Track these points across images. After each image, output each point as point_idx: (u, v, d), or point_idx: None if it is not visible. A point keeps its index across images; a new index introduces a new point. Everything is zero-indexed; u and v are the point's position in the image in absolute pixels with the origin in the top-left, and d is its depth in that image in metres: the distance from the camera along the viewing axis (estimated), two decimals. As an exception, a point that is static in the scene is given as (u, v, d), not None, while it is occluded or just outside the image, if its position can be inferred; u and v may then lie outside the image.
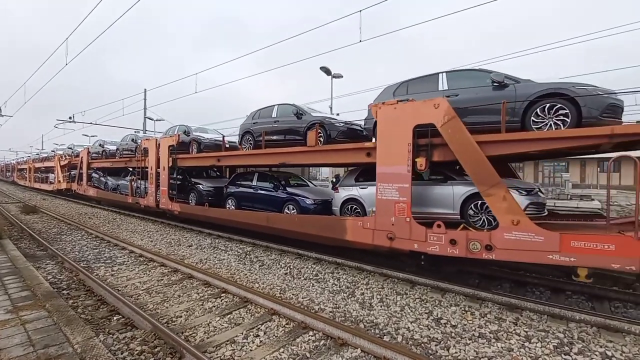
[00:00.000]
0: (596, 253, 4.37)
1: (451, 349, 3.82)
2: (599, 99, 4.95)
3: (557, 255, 4.59)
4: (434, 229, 5.53)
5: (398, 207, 5.91)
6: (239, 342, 3.94)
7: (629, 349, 3.83)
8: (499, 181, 5.04)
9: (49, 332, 3.59)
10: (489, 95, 5.69)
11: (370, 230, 6.30)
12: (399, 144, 5.90)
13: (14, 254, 6.99)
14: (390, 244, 6.01)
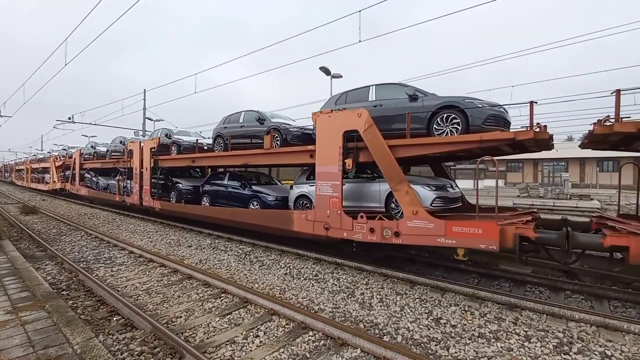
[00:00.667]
0: (469, 236, 5.33)
1: (451, 349, 3.83)
2: (482, 111, 5.95)
3: (443, 238, 5.54)
4: (358, 220, 6.50)
5: (332, 202, 6.91)
6: (238, 343, 3.94)
7: (628, 348, 3.83)
8: (404, 179, 6.08)
9: (48, 332, 3.59)
10: (404, 106, 6.67)
11: (311, 222, 7.26)
12: (332, 147, 6.85)
13: (13, 254, 6.98)
14: (326, 233, 6.98)
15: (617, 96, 4.86)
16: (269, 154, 8.79)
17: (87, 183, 19.59)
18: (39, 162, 30.51)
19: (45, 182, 26.46)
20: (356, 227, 6.50)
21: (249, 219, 9.09)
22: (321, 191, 7.04)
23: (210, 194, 10.99)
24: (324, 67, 17.00)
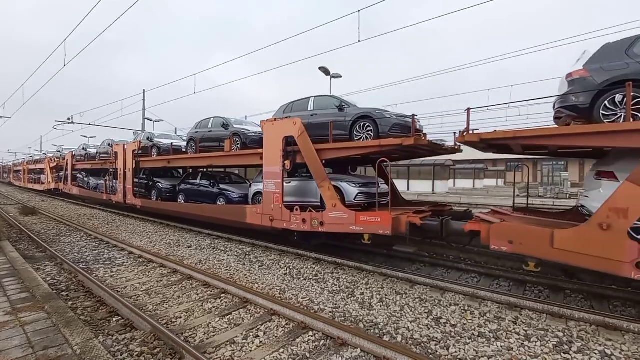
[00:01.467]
0: (371, 224, 6.50)
1: (451, 349, 3.83)
2: (389, 120, 7.13)
3: (354, 226, 6.67)
4: (294, 212, 7.62)
5: (275, 197, 7.99)
6: (238, 343, 3.94)
7: (628, 347, 3.84)
8: (326, 177, 7.24)
9: (48, 333, 3.59)
10: (334, 116, 7.87)
11: (260, 215, 8.38)
12: (275, 150, 7.97)
13: (13, 255, 6.97)
14: (271, 224, 8.07)
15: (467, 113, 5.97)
16: (229, 156, 10.13)
17: (79, 183, 20.65)
18: (35, 164, 31.83)
19: (41, 183, 27.83)
20: (293, 218, 7.65)
21: (214, 213, 10.21)
22: (267, 188, 8.19)
23: (185, 192, 12.14)
24: (323, 67, 17.00)
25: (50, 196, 25.47)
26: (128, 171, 14.26)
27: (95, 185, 18.48)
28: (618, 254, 4.19)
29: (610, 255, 4.26)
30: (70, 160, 21.41)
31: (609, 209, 4.29)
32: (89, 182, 19.35)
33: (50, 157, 26.54)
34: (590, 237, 4.41)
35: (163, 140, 13.95)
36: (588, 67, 4.91)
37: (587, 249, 4.42)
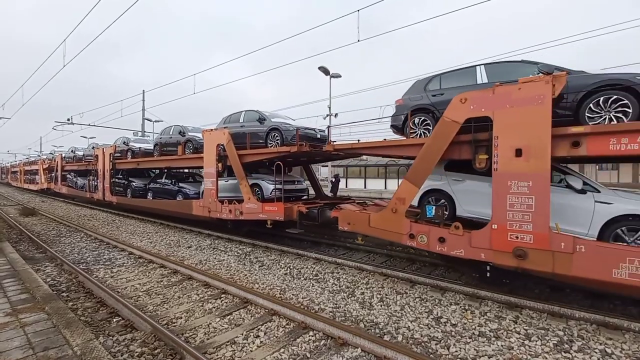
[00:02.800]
0: (271, 212, 8.38)
1: (451, 348, 3.83)
2: (290, 132, 8.85)
3: (261, 214, 8.58)
4: (224, 204, 9.48)
5: (211, 193, 9.92)
6: (239, 343, 3.93)
7: (628, 346, 3.84)
8: (244, 176, 9.14)
9: (48, 334, 3.58)
10: (256, 127, 9.67)
11: (202, 207, 10.24)
12: (211, 155, 9.89)
13: (12, 256, 6.96)
14: (209, 214, 9.94)
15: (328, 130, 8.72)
16: (181, 159, 12.03)
17: (68, 183, 22.59)
18: (30, 165, 33.79)
19: (35, 183, 29.72)
20: (223, 209, 9.56)
21: (171, 207, 12.06)
22: (206, 186, 10.20)
23: (153, 190, 13.96)
24: (322, 67, 17.01)
25: (50, 197, 25.57)
26: (106, 172, 16.09)
27: (82, 184, 20.14)
28: (400, 228, 5.99)
29: (397, 230, 6.06)
30: (60, 162, 23.15)
31: (396, 198, 6.06)
32: (77, 182, 21.21)
33: (43, 159, 28.49)
34: (388, 218, 6.20)
35: (136, 145, 15.60)
36: (404, 97, 6.88)
37: (386, 226, 6.23)
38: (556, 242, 4.49)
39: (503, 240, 4.90)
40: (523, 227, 4.75)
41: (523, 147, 4.79)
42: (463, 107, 5.38)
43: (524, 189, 4.76)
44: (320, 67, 17.03)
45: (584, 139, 4.62)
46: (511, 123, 4.93)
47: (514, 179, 4.85)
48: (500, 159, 4.97)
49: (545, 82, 4.63)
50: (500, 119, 5.02)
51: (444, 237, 5.47)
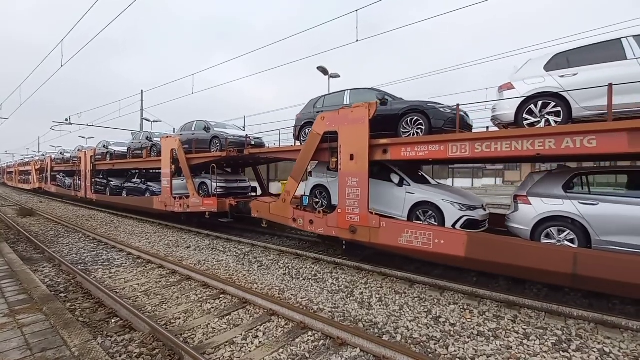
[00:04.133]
0: (209, 205, 10.32)
1: (450, 348, 3.83)
2: (227, 139, 10.43)
3: (202, 207, 10.48)
4: (176, 200, 11.52)
5: (167, 190, 11.91)
6: (238, 343, 3.93)
7: (626, 345, 3.85)
8: (190, 176, 11.19)
9: (46, 335, 3.57)
10: (203, 135, 11.53)
11: (160, 202, 12.22)
12: (167, 158, 11.85)
13: (10, 257, 6.94)
14: (165, 208, 11.96)
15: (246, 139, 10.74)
16: (145, 161, 14.02)
17: (58, 183, 24.67)
18: (24, 166, 35.65)
19: (29, 183, 31.68)
20: (176, 204, 11.51)
21: (138, 203, 14.15)
22: (163, 184, 12.12)
23: (127, 188, 15.96)
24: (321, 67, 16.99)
25: (48, 197, 25.57)
26: (88, 172, 18.02)
27: (70, 184, 21.99)
28: (287, 214, 8.02)
29: (286, 215, 8.06)
30: (50, 163, 25.14)
31: (285, 191, 8.15)
32: (65, 181, 23.31)
33: (35, 161, 30.35)
34: (280, 206, 8.23)
35: (115, 148, 17.24)
36: (301, 112, 8.87)
37: (279, 212, 8.26)
38: (371, 221, 6.39)
39: (344, 220, 6.80)
40: (354, 211, 6.63)
41: (354, 153, 6.58)
42: (322, 123, 7.15)
43: (354, 183, 6.60)
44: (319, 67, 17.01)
45: (389, 148, 6.35)
46: (348, 136, 6.69)
47: (349, 176, 6.68)
48: (342, 162, 6.76)
49: (365, 107, 6.40)
50: (342, 133, 6.78)
51: (313, 220, 7.48)
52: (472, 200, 6.42)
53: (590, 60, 5.01)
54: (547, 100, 5.14)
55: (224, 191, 11.11)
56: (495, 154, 5.22)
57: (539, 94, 5.19)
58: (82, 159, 18.51)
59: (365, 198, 6.42)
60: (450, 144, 5.62)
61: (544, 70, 5.33)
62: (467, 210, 6.10)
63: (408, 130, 6.68)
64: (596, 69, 4.89)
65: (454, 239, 5.47)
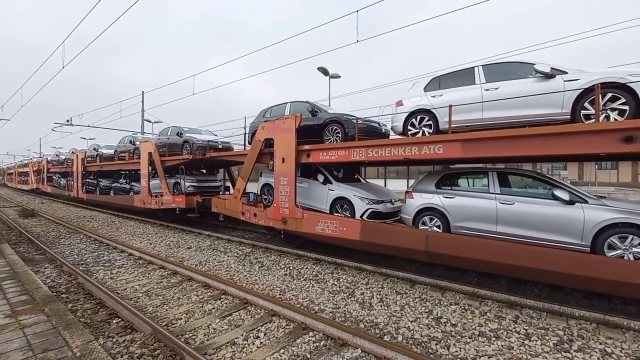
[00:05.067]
0: (178, 202, 11.57)
1: (451, 348, 3.83)
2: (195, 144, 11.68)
3: (173, 204, 11.73)
4: (153, 197, 12.78)
5: (145, 189, 13.27)
6: (239, 344, 3.93)
7: (628, 346, 3.84)
8: (163, 176, 12.39)
9: (48, 336, 3.58)
10: (177, 140, 12.65)
11: (139, 200, 13.61)
12: (145, 160, 13.16)
13: (12, 258, 6.96)
14: (144, 205, 13.25)
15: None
16: (128, 163, 15.51)
17: (54, 183, 26.02)
18: (23, 167, 37.45)
19: (27, 183, 33.25)
20: (153, 201, 12.75)
21: (121, 201, 15.67)
22: (142, 184, 13.49)
23: (114, 188, 17.47)
24: (322, 68, 17.00)
25: (50, 199, 25.66)
26: (79, 173, 19.40)
27: (64, 184, 23.38)
28: (238, 208, 9.38)
29: (236, 209, 9.43)
30: (46, 165, 26.72)
31: (236, 189, 9.66)
32: (60, 182, 24.68)
33: (33, 162, 32.00)
34: (232, 202, 9.61)
35: (105, 150, 18.58)
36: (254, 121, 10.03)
37: (232, 207, 9.64)
38: (297, 213, 7.69)
39: (278, 213, 8.09)
40: (285, 205, 7.91)
41: (285, 157, 7.85)
42: (263, 131, 8.49)
43: (285, 182, 7.88)
44: (320, 68, 17.02)
45: (311, 152, 7.61)
46: (281, 142, 7.96)
47: (281, 176, 7.95)
48: (276, 164, 8.03)
49: (292, 119, 7.67)
50: (276, 140, 8.06)
51: (256, 213, 8.85)
52: (380, 196, 7.55)
53: (453, 84, 6.21)
54: (423, 116, 6.33)
55: (195, 190, 12.35)
56: (381, 158, 6.52)
57: (418, 110, 6.40)
58: (74, 161, 19.95)
59: (293, 194, 7.71)
60: (352, 150, 6.90)
61: (423, 91, 6.56)
62: (373, 204, 7.25)
63: (329, 137, 7.82)
64: (455, 91, 6.08)
65: (353, 226, 6.84)
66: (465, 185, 6.36)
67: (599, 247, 4.68)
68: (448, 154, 5.66)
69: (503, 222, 5.48)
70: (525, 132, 5.03)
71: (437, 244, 5.73)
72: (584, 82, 4.84)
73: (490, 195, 5.64)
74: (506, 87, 5.51)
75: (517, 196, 5.45)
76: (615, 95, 4.58)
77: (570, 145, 4.65)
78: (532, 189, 5.66)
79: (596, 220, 4.70)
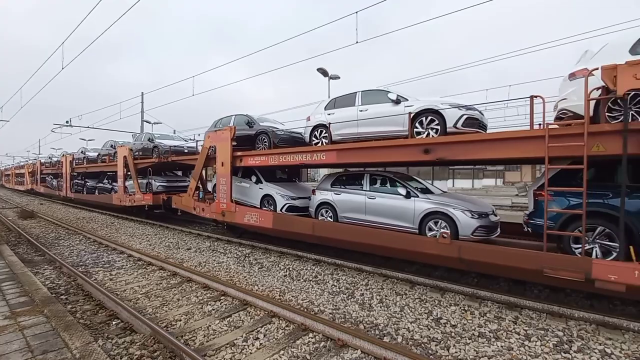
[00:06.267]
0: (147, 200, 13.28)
1: (451, 349, 3.83)
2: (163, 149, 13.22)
3: (143, 201, 13.44)
4: (127, 196, 14.47)
5: (121, 188, 15.01)
6: (238, 345, 3.93)
7: (627, 346, 3.84)
8: (136, 177, 14.04)
9: (47, 337, 3.57)
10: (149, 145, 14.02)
11: (116, 198, 15.29)
12: (121, 162, 14.92)
13: (11, 259, 6.94)
14: (120, 203, 14.98)
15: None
16: (108, 165, 17.20)
17: (47, 184, 27.86)
18: (20, 169, 39.67)
19: (23, 184, 35.63)
20: (127, 199, 14.40)
21: (103, 199, 17.28)
22: (119, 184, 15.23)
23: (98, 188, 19.11)
24: (321, 69, 17.01)
25: (49, 199, 25.68)
26: (68, 174, 21.42)
27: (57, 185, 25.07)
28: (190, 204, 11.05)
29: (190, 205, 11.11)
30: (39, 167, 28.75)
31: (189, 188, 11.22)
32: (52, 182, 26.59)
33: (29, 164, 33.95)
34: (187, 199, 11.24)
35: (91, 153, 20.06)
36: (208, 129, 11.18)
37: (186, 203, 11.29)
38: (232, 207, 9.37)
39: (219, 207, 9.76)
40: (224, 200, 9.56)
41: (223, 161, 9.50)
42: (208, 140, 10.14)
43: (224, 182, 9.53)
44: (319, 69, 17.03)
45: (243, 158, 9.31)
46: (221, 149, 9.61)
47: (221, 177, 9.63)
48: (218, 167, 9.77)
49: (228, 130, 9.31)
50: (218, 147, 9.75)
51: (204, 208, 10.47)
52: (299, 193, 9.16)
53: (342, 104, 7.87)
54: (322, 129, 8.00)
55: (164, 189, 13.95)
56: (288, 162, 8.17)
57: (318, 124, 8.09)
58: (64, 163, 21.86)
59: (229, 192, 9.44)
60: (269, 156, 8.56)
61: (324, 109, 8.20)
62: (290, 199, 8.94)
63: (259, 145, 9.42)
64: (342, 111, 7.76)
65: (268, 217, 8.51)
66: (349, 185, 7.85)
67: (423, 230, 6.32)
68: (329, 160, 7.41)
69: (369, 212, 7.19)
70: (370, 144, 6.82)
71: (320, 229, 7.53)
72: (415, 108, 6.44)
73: (362, 192, 7.39)
74: (373, 109, 7.16)
75: (378, 192, 7.18)
76: (432, 118, 6.19)
77: (396, 155, 6.39)
78: (389, 187, 7.19)
79: (420, 209, 6.35)
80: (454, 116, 5.98)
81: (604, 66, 4.13)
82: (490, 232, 6.05)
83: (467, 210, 5.94)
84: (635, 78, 3.89)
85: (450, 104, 6.22)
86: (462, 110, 6.03)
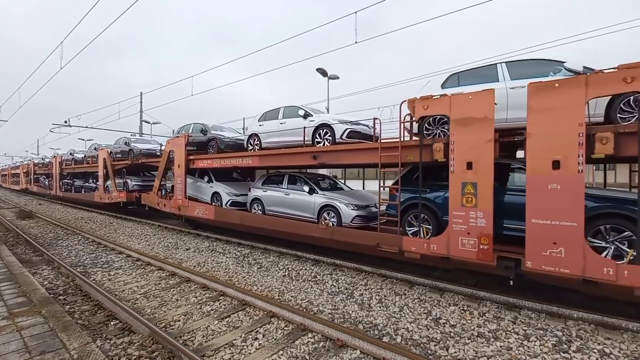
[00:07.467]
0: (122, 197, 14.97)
1: (450, 349, 3.82)
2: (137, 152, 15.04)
3: (118, 198, 15.11)
4: (106, 193, 16.24)
5: (101, 187, 16.50)
6: (237, 345, 3.92)
7: (626, 346, 3.84)
8: (114, 177, 15.89)
9: (45, 338, 3.56)
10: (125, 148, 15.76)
11: (98, 196, 16.83)
12: (101, 164, 16.53)
13: (9, 259, 6.92)
14: (100, 200, 16.48)
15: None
16: (91, 166, 18.69)
17: (40, 184, 29.56)
18: (15, 169, 41.08)
19: (18, 184, 36.78)
20: (106, 197, 15.77)
21: (87, 197, 18.75)
22: (99, 183, 16.79)
23: (84, 187, 20.65)
24: (320, 69, 17.02)
25: (47, 200, 25.61)
26: (57, 174, 22.88)
27: (48, 184, 26.45)
28: (156, 201, 12.70)
29: (155, 202, 12.73)
30: (33, 167, 30.43)
31: (154, 187, 12.87)
32: (45, 182, 27.97)
33: (24, 164, 35.44)
34: (152, 196, 12.95)
35: (79, 155, 21.49)
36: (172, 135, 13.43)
37: (153, 200, 12.86)
38: (185, 203, 11.02)
39: (176, 203, 11.38)
40: (179, 196, 11.21)
41: (179, 164, 11.15)
42: (169, 145, 11.82)
43: (179, 180, 11.21)
44: (319, 69, 17.05)
45: (194, 161, 11.06)
46: (177, 153, 11.27)
47: (177, 177, 11.31)
48: (175, 169, 11.36)
49: (183, 137, 11.06)
50: (175, 151, 11.38)
51: (165, 204, 12.02)
52: (242, 191, 10.49)
53: (270, 117, 9.47)
54: (255, 138, 9.60)
55: (140, 188, 15.55)
56: (224, 165, 10.03)
57: (252, 134, 9.69)
58: (53, 163, 23.44)
59: (184, 189, 11.12)
60: (213, 160, 10.46)
61: (257, 121, 9.80)
62: (234, 196, 10.44)
63: (211, 150, 10.98)
64: (269, 123, 9.35)
65: (211, 210, 10.25)
66: (274, 184, 9.37)
67: (321, 219, 7.82)
68: (254, 164, 9.15)
69: (286, 206, 8.71)
70: (278, 152, 8.62)
71: (246, 219, 9.26)
72: (315, 122, 8.06)
73: (282, 190, 8.99)
74: (289, 122, 8.73)
75: (292, 190, 8.73)
76: (327, 130, 7.78)
77: (296, 160, 8.13)
78: (300, 185, 8.69)
79: (318, 202, 7.92)
80: (340, 129, 7.62)
81: (408, 99, 5.76)
82: (367, 220, 7.48)
83: (349, 204, 7.47)
84: (423, 109, 5.55)
85: (340, 120, 7.86)
86: (346, 124, 7.66)
